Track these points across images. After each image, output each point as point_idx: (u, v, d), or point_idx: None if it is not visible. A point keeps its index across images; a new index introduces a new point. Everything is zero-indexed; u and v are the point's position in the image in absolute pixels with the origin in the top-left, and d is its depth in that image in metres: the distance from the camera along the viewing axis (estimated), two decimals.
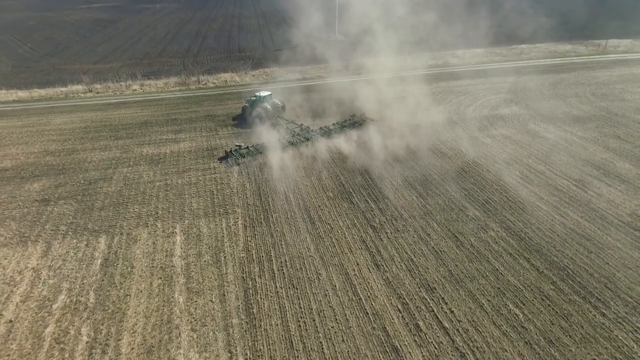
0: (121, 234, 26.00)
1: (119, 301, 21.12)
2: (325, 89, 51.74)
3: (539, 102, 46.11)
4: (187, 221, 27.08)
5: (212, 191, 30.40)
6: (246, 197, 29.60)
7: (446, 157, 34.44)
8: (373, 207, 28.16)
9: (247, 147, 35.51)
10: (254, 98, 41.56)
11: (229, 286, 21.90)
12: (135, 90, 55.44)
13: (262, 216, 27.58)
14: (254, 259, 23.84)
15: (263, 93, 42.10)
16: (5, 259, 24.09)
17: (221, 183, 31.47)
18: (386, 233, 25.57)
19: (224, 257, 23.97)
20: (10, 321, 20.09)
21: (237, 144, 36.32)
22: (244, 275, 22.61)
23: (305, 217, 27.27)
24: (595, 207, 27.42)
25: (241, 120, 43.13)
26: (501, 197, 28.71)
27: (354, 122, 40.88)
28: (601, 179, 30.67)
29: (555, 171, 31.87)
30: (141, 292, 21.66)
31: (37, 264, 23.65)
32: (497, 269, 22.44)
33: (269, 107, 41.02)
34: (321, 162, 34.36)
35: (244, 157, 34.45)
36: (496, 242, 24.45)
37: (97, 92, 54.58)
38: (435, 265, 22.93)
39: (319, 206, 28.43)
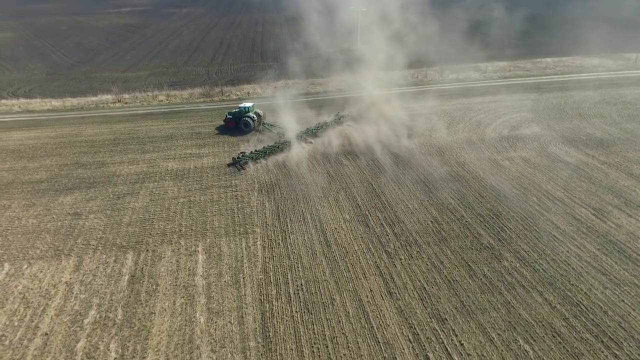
0: (147, 250, 27.45)
1: (145, 319, 22.46)
2: (344, 103, 52.28)
3: (562, 122, 45.56)
4: (208, 240, 28.34)
5: (233, 209, 31.61)
6: (265, 217, 30.66)
7: (463, 181, 34.63)
8: (388, 231, 28.75)
9: (251, 153, 39.06)
10: (239, 109, 45.77)
11: (247, 308, 22.94)
12: (162, 101, 57.52)
13: (280, 237, 28.57)
14: (272, 281, 24.83)
15: (247, 104, 46.32)
16: (41, 271, 25.86)
17: (242, 201, 32.66)
18: (400, 259, 26.14)
19: (243, 278, 25.06)
20: (46, 334, 21.69)
21: (241, 151, 39.75)
22: (262, 298, 23.62)
23: (322, 240, 28.11)
24: (613, 239, 27.23)
25: (225, 129, 46.17)
26: (517, 225, 28.82)
27: (339, 119, 46.68)
28: (622, 209, 30.33)
29: (574, 199, 31.67)
30: (165, 310, 22.95)
31: (70, 278, 25.30)
32: (509, 302, 22.72)
33: (254, 116, 45.47)
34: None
35: (246, 162, 37.90)
36: (509, 273, 24.68)
37: (126, 103, 56.91)
38: (447, 295, 23.38)
39: (336, 229, 29.22)
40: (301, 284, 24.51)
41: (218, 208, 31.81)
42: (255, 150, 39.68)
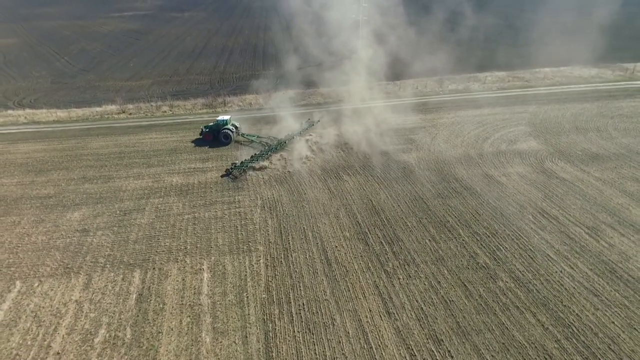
0: (153, 268, 28.35)
1: (152, 338, 23.35)
2: (344, 115, 53.09)
3: (558, 136, 46.39)
4: (213, 257, 29.23)
5: (237, 226, 32.50)
6: (268, 234, 31.54)
7: (461, 197, 35.50)
8: (387, 250, 29.62)
9: (241, 163, 40.92)
10: (217, 122, 47.61)
11: (251, 328, 23.83)
12: (165, 112, 58.44)
13: (282, 255, 29.45)
14: (274, 300, 25.70)
15: (225, 117, 48.41)
16: (52, 290, 26.78)
17: (245, 218, 33.54)
18: (399, 279, 27.00)
19: (247, 297, 25.94)
20: (58, 354, 22.60)
21: (233, 162, 41.37)
22: (265, 317, 24.50)
23: (323, 259, 28.98)
24: (606, 259, 28.07)
25: (203, 142, 47.72)
26: (512, 244, 29.68)
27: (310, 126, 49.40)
28: (615, 227, 31.17)
29: (569, 217, 32.52)
30: (172, 329, 23.85)
31: (80, 297, 26.21)
32: (504, 323, 23.57)
33: (233, 128, 47.38)
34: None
35: (239, 170, 39.92)
36: (504, 294, 25.54)
37: (130, 113, 57.84)
38: (444, 315, 24.24)
39: (336, 247, 30.09)
40: (303, 304, 25.38)
41: (222, 225, 32.71)
42: (245, 160, 41.53)
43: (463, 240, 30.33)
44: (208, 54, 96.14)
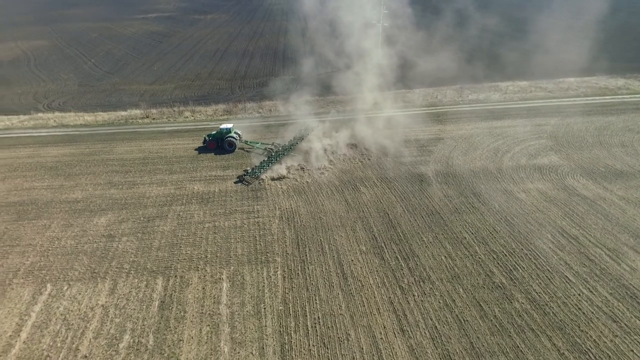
0: (175, 276, 29.39)
1: (174, 345, 24.29)
2: (362, 123, 53.38)
3: (581, 151, 45.63)
4: (232, 267, 30.08)
5: (255, 237, 33.30)
6: (285, 246, 32.22)
7: (478, 213, 35.43)
8: (403, 265, 29.90)
9: (252, 169, 42.80)
10: (220, 131, 48.77)
11: (267, 339, 24.51)
12: (187, 117, 59.95)
13: (299, 267, 30.07)
14: (291, 312, 26.34)
15: (228, 125, 49.56)
16: (80, 294, 28.09)
17: (263, 228, 34.32)
18: (413, 296, 27.27)
19: (264, 308, 26.65)
20: (85, 357, 23.77)
21: (244, 169, 43.13)
22: (281, 329, 25.15)
23: (339, 272, 29.47)
24: (627, 283, 27.65)
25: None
26: (529, 264, 29.53)
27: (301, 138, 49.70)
28: (637, 250, 30.62)
29: (589, 237, 32.10)
30: (192, 338, 24.75)
31: (106, 302, 27.42)
32: (518, 346, 23.58)
33: (235, 135, 48.38)
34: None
35: (251, 177, 41.58)
36: (520, 315, 25.50)
37: (153, 118, 59.55)
38: (457, 335, 24.40)
39: (352, 260, 30.54)
40: (318, 317, 25.94)
41: (241, 235, 33.56)
42: (255, 167, 43.23)
43: (479, 258, 30.35)
44: (229, 58, 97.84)
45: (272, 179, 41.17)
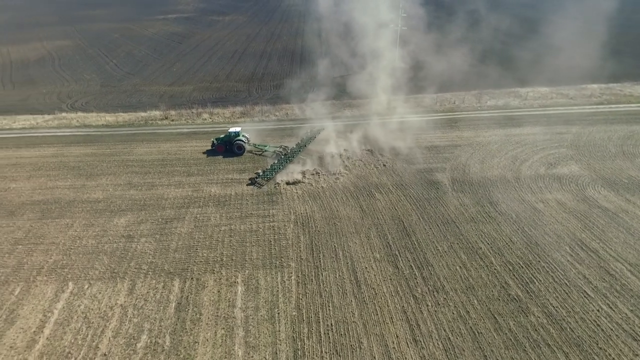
0: (192, 278, 29.96)
1: (189, 347, 24.80)
2: (378, 128, 53.31)
3: (603, 161, 44.59)
4: (247, 271, 30.50)
5: (270, 241, 33.67)
6: (300, 251, 32.47)
7: (495, 223, 35.03)
8: (417, 274, 29.81)
9: (263, 172, 43.41)
10: (228, 134, 49.31)
11: (281, 345, 24.80)
12: (205, 119, 60.88)
13: (313, 273, 30.28)
14: (304, 318, 26.56)
15: (236, 129, 49.86)
16: (100, 293, 28.91)
17: (278, 232, 34.67)
18: (427, 305, 27.17)
19: (278, 313, 26.95)
20: (105, 355, 24.47)
21: (256, 172, 43.72)
22: (294, 335, 25.40)
23: (352, 279, 29.58)
24: None
25: (215, 152, 49.38)
26: (546, 277, 29.08)
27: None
28: None
29: (610, 251, 31.40)
30: (207, 340, 25.21)
31: (125, 302, 28.15)
32: None
33: (244, 139, 48.99)
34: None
35: (263, 179, 42.32)
36: (535, 330, 25.16)
37: (172, 120, 60.67)
38: (471, 347, 24.23)
39: (366, 268, 30.59)
40: (331, 324, 26.10)
41: (256, 238, 33.98)
42: (266, 169, 43.81)
43: (495, 269, 30.03)
44: (247, 60, 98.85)
45: (288, 184, 41.51)
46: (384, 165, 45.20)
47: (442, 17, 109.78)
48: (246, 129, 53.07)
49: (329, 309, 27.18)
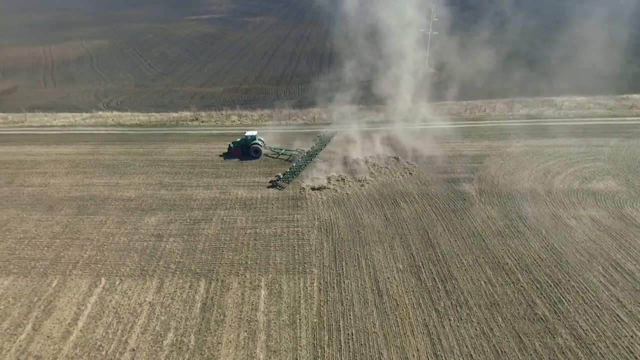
0: (217, 280, 30.76)
1: (213, 348, 25.50)
2: (405, 135, 52.87)
3: None
4: (270, 275, 31.03)
5: (294, 246, 34.10)
6: (323, 258, 32.74)
7: (523, 238, 34.14)
8: (440, 287, 29.48)
9: (283, 175, 44.57)
10: (245, 138, 50.25)
11: (301, 351, 25.13)
12: (234, 121, 62.14)
13: (335, 280, 30.48)
14: (325, 326, 26.80)
15: (253, 133, 50.88)
16: (130, 289, 30.13)
17: (302, 238, 35.06)
18: (449, 320, 26.85)
19: (299, 319, 27.30)
20: (133, 350, 25.53)
21: (277, 174, 44.79)
22: (315, 342, 25.68)
23: (374, 289, 29.57)
24: None
25: (231, 155, 50.21)
26: (576, 298, 28.13)
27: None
28: None
29: None
30: (230, 342, 25.86)
31: (153, 299, 29.23)
32: None
33: (260, 142, 50.06)
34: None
35: (284, 181, 43.49)
36: (563, 353, 24.42)
37: (202, 121, 62.28)
38: None
39: (388, 278, 30.51)
40: (352, 333, 26.21)
41: (280, 243, 34.49)
42: (286, 172, 44.98)
43: (521, 286, 29.29)
44: (276, 62, 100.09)
45: (313, 189, 41.86)
46: (410, 173, 44.84)
47: (469, 17, 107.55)
48: (273, 132, 53.78)
49: (350, 318, 27.31)
